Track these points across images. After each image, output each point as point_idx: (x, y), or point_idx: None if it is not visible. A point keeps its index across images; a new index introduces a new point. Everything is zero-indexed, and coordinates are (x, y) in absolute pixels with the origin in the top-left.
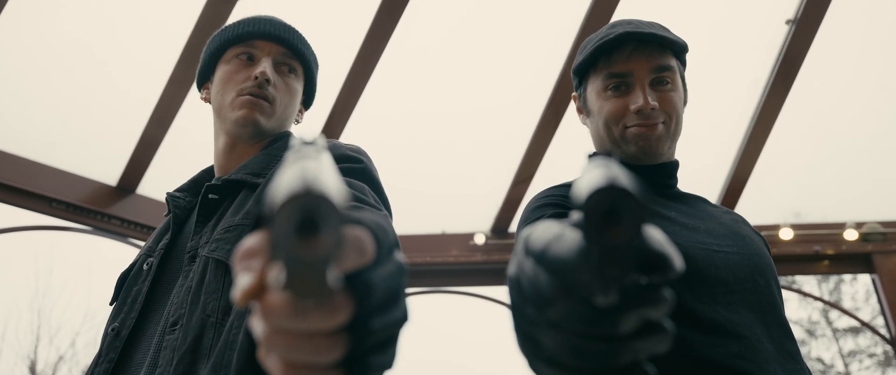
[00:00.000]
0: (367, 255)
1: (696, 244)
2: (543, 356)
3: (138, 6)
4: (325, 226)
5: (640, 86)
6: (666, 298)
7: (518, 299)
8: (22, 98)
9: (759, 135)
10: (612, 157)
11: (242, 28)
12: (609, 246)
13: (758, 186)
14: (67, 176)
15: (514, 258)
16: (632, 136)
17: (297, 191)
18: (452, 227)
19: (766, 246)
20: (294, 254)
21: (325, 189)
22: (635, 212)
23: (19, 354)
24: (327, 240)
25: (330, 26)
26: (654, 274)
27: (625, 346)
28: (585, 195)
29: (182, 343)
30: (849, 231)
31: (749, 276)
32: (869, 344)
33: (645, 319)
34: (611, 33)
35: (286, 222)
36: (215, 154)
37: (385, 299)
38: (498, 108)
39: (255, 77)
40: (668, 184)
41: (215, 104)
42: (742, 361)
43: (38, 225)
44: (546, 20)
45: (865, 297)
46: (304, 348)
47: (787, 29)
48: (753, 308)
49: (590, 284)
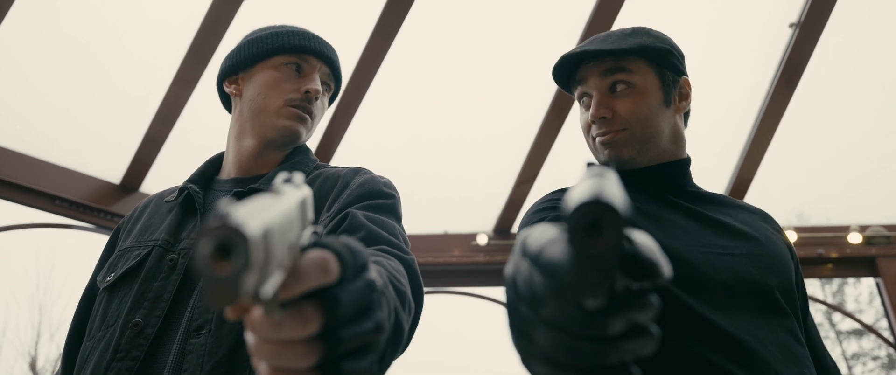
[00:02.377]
0: (331, 274)
1: (697, 247)
2: (536, 353)
3: (139, 4)
4: (234, 252)
5: (596, 96)
6: (652, 303)
7: (513, 298)
8: (24, 95)
9: (762, 138)
10: (610, 166)
11: (298, 40)
12: (591, 255)
13: (761, 188)
14: (70, 173)
15: (512, 258)
16: (599, 145)
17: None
18: (455, 228)
19: (788, 246)
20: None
21: (239, 222)
22: (616, 225)
23: (20, 351)
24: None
25: (332, 28)
26: (641, 280)
27: (612, 347)
28: (571, 208)
29: (214, 349)
30: (853, 234)
31: (758, 278)
32: (872, 347)
33: (632, 322)
34: (564, 56)
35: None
36: (236, 152)
37: (353, 311)
38: (501, 109)
39: (306, 91)
40: (679, 184)
41: (253, 104)
42: (737, 366)
43: (40, 223)
44: (549, 19)
45: (869, 300)
46: (284, 355)
47: (790, 32)
48: (757, 310)
49: (579, 287)
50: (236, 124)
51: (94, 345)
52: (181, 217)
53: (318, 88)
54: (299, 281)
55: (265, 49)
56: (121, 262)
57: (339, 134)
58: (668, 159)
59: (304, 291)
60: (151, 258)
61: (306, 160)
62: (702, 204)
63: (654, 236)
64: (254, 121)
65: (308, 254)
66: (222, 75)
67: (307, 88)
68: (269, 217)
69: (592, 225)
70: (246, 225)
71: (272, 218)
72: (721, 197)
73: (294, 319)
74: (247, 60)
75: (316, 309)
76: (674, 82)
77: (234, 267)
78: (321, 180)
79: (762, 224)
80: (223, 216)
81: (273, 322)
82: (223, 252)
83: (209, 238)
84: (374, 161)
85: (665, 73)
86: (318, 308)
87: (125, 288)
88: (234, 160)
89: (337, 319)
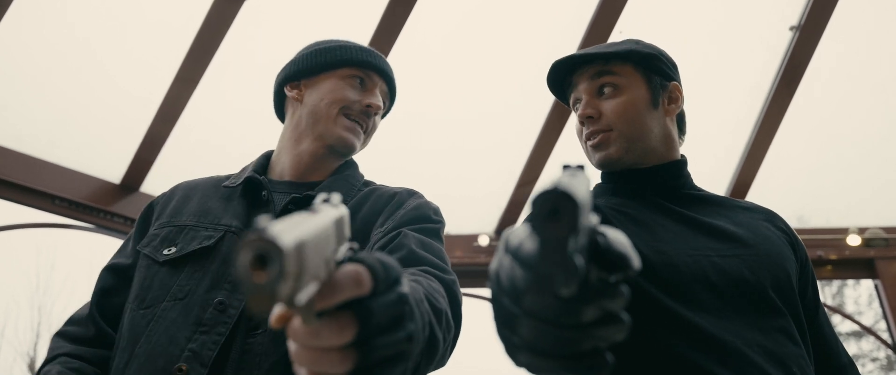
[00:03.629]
0: (365, 287)
1: (686, 250)
2: (518, 342)
3: (140, 4)
4: (270, 262)
5: (584, 97)
6: (623, 293)
7: (497, 291)
8: (24, 94)
9: (762, 140)
10: (582, 168)
11: (366, 56)
12: (550, 238)
13: (761, 190)
14: (70, 173)
15: (496, 255)
16: (590, 148)
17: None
18: (456, 229)
19: (791, 244)
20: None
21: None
22: (572, 210)
23: (19, 351)
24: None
25: (331, 30)
26: (613, 272)
27: (587, 334)
28: (534, 196)
29: (271, 351)
30: (852, 236)
31: (750, 278)
32: (871, 349)
33: (604, 310)
34: (555, 63)
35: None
36: (294, 156)
37: (386, 322)
38: (503, 109)
39: (367, 105)
40: (674, 186)
41: (314, 110)
42: (722, 367)
43: (40, 223)
44: (550, 20)
45: (868, 301)
46: (322, 361)
47: (790, 35)
48: (749, 311)
49: (548, 272)
50: (294, 129)
51: (158, 315)
52: (247, 207)
53: (380, 104)
54: (335, 293)
55: (334, 59)
56: (183, 239)
57: None
58: (660, 161)
59: (339, 302)
60: (226, 242)
61: (357, 173)
62: (698, 207)
63: (644, 240)
64: (313, 127)
65: (343, 268)
66: (285, 79)
67: (369, 102)
68: (304, 232)
69: (552, 212)
70: (281, 239)
71: (307, 233)
72: (721, 198)
73: (330, 328)
74: (313, 68)
75: (351, 319)
76: (662, 86)
77: (269, 276)
78: (375, 196)
79: (763, 223)
80: (261, 230)
81: (311, 330)
82: (261, 262)
83: (248, 249)
84: (375, 161)
85: (652, 77)
86: (352, 318)
87: (195, 266)
88: (291, 163)
89: (370, 328)
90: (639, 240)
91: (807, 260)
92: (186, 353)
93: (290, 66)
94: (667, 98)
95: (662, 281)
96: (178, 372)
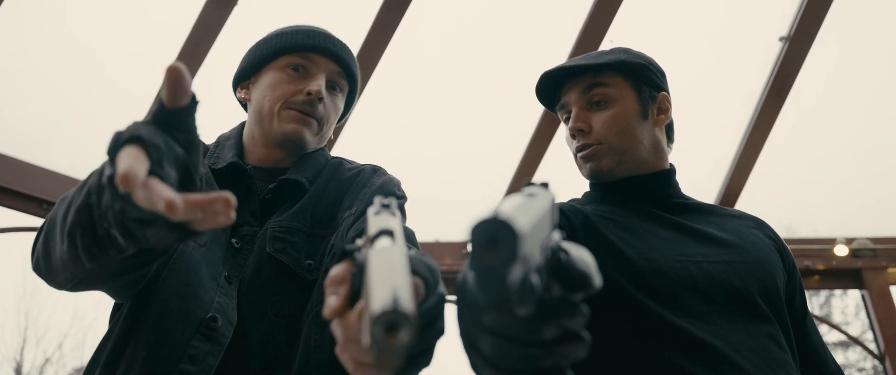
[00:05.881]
0: (420, 296)
1: (675, 257)
2: (481, 357)
3: (136, 4)
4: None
5: (574, 110)
6: (582, 311)
7: (461, 306)
8: (12, 98)
9: (751, 150)
10: (546, 186)
11: (301, 39)
12: (486, 267)
13: (750, 201)
14: (59, 177)
15: (462, 269)
16: (580, 159)
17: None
18: (446, 236)
19: (779, 252)
20: (380, 345)
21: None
22: (510, 240)
23: (5, 356)
24: (404, 339)
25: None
26: (574, 290)
27: (548, 351)
28: (471, 225)
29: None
30: (839, 246)
31: (738, 284)
32: (858, 359)
33: (564, 328)
34: (544, 74)
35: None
36: (259, 148)
37: (428, 321)
38: (494, 116)
39: (307, 93)
40: (663, 194)
41: (258, 108)
42: (711, 372)
43: (27, 227)
44: (542, 28)
45: (855, 312)
46: (369, 353)
47: (780, 46)
48: (737, 317)
49: (509, 298)
50: (250, 128)
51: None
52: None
53: (319, 89)
54: None
55: (271, 50)
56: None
57: (333, 142)
58: (650, 170)
59: None
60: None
61: (324, 153)
62: (687, 214)
63: (633, 247)
64: (262, 127)
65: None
66: (235, 82)
67: (308, 89)
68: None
69: (490, 242)
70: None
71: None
72: (710, 206)
73: None
74: (255, 64)
75: None
76: (651, 96)
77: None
78: (339, 174)
79: (752, 230)
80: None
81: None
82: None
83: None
84: None
85: (642, 87)
86: None
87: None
88: (258, 157)
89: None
90: (628, 247)
91: (794, 268)
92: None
93: (238, 67)
94: (656, 108)
95: (651, 288)
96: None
